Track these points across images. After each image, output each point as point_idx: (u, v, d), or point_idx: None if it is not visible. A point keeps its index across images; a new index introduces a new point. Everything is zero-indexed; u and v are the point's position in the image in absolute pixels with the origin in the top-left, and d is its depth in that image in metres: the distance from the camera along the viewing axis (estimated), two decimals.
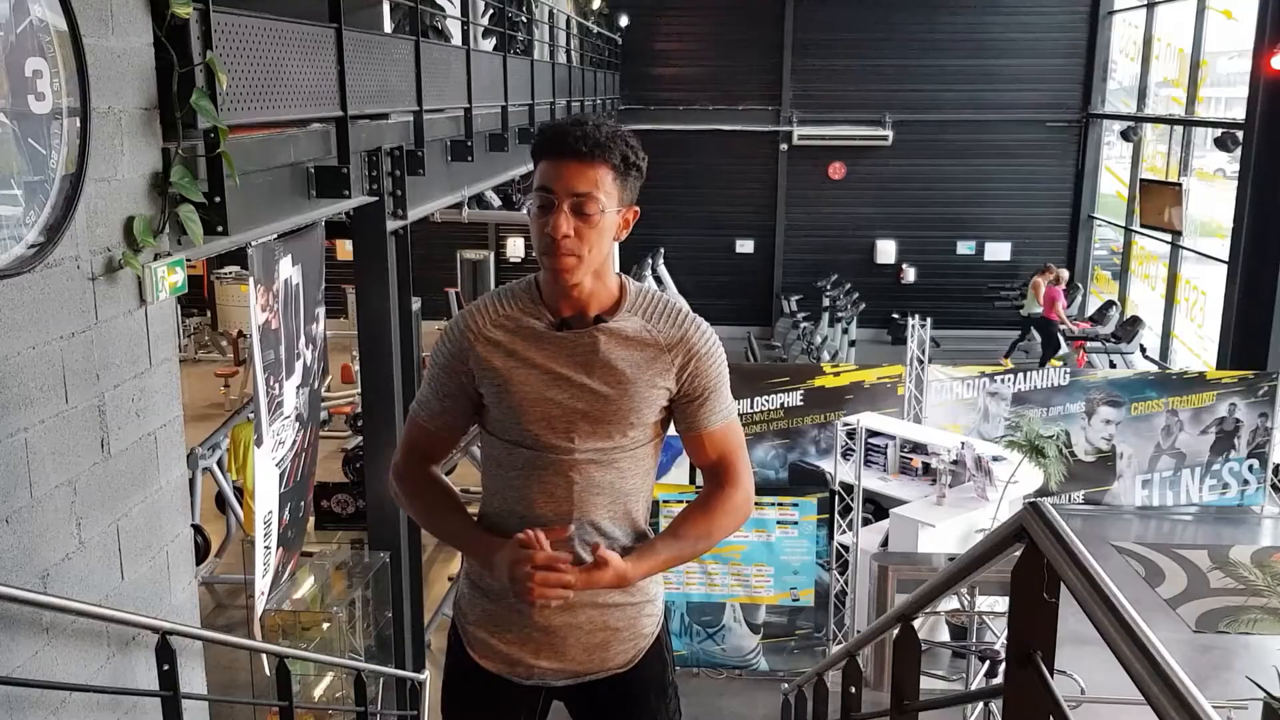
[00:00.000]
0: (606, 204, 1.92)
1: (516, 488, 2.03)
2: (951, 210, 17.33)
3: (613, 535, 2.05)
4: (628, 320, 2.01)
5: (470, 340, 2.02)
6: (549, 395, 1.98)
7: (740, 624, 7.62)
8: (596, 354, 1.98)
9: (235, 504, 8.01)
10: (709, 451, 2.10)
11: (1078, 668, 5.63)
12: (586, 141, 1.88)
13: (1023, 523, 1.63)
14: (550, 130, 1.94)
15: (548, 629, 2.05)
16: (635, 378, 1.99)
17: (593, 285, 1.98)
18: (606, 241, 1.96)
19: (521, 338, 2.00)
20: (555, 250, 1.90)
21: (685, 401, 2.05)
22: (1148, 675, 1.19)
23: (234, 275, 13.44)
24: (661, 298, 2.07)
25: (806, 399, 9.31)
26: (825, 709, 4.21)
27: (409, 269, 5.61)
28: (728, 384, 2.11)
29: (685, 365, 2.02)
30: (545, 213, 1.91)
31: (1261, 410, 10.08)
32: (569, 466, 2.00)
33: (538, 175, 1.92)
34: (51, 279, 2.67)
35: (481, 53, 7.87)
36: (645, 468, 2.09)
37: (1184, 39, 14.29)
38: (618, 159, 1.92)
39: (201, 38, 3.16)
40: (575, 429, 1.99)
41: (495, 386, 2.00)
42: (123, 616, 2.87)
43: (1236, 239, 11.31)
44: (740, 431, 2.15)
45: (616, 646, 2.10)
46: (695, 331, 2.04)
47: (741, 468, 2.12)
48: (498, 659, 2.10)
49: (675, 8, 17.42)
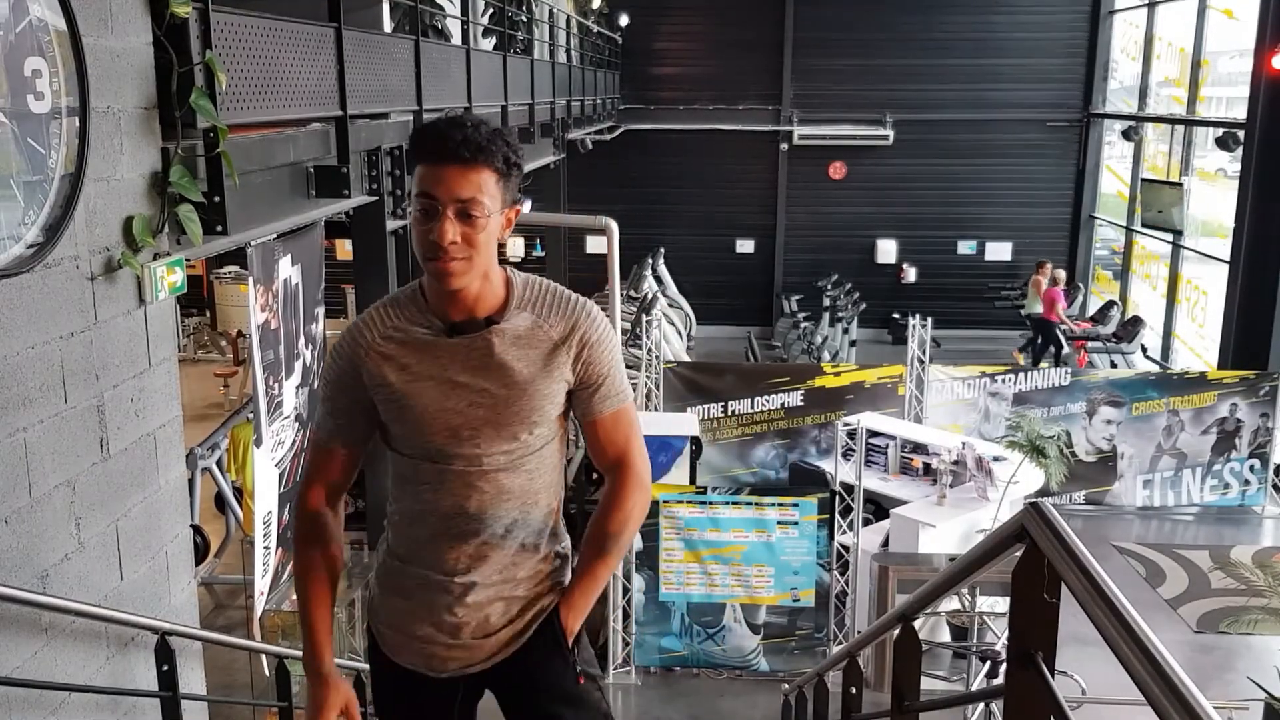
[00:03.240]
0: (491, 207, 1.88)
1: (425, 500, 2.02)
2: (952, 210, 17.32)
3: (519, 537, 2.05)
4: (518, 317, 1.99)
5: (361, 356, 1.99)
6: (449, 405, 1.96)
7: (740, 624, 7.62)
8: (492, 356, 1.96)
9: (235, 504, 8.01)
10: (603, 441, 2.09)
11: (1078, 668, 5.62)
12: (468, 146, 1.84)
13: (1023, 523, 1.62)
14: (429, 133, 1.88)
15: (457, 625, 2.05)
16: (533, 375, 1.98)
17: (480, 287, 1.96)
18: (493, 243, 1.93)
19: (414, 349, 1.97)
20: (442, 257, 1.87)
21: (580, 389, 2.04)
22: (1149, 676, 1.18)
23: (233, 275, 13.44)
24: (547, 287, 2.05)
25: (807, 399, 9.30)
26: (826, 709, 4.21)
27: (408, 269, 5.60)
28: (621, 368, 2.10)
29: (579, 355, 2.01)
30: (429, 219, 1.86)
31: (1263, 410, 10.07)
32: (477, 476, 1.99)
33: (417, 179, 1.87)
34: (51, 279, 2.66)
35: (481, 52, 7.87)
36: (552, 464, 2.08)
37: (1185, 39, 14.28)
38: (500, 161, 1.88)
39: (201, 37, 3.15)
40: (479, 435, 1.97)
41: (393, 402, 1.97)
42: (122, 617, 2.87)
43: (1237, 239, 11.31)
44: (633, 414, 2.13)
45: (524, 629, 2.10)
46: (586, 319, 2.02)
47: (636, 460, 2.12)
48: (411, 654, 2.10)
49: (675, 8, 17.42)
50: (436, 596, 2.04)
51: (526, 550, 2.06)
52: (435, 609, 2.04)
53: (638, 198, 16.54)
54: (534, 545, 2.07)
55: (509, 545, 2.04)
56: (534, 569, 2.08)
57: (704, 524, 7.43)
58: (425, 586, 2.05)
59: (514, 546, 2.05)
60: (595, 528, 2.12)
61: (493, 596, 2.05)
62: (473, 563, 2.02)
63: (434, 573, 2.04)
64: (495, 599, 2.05)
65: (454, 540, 2.02)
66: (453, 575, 2.03)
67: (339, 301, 13.31)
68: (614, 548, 2.12)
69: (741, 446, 9.42)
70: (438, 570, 2.03)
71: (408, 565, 2.07)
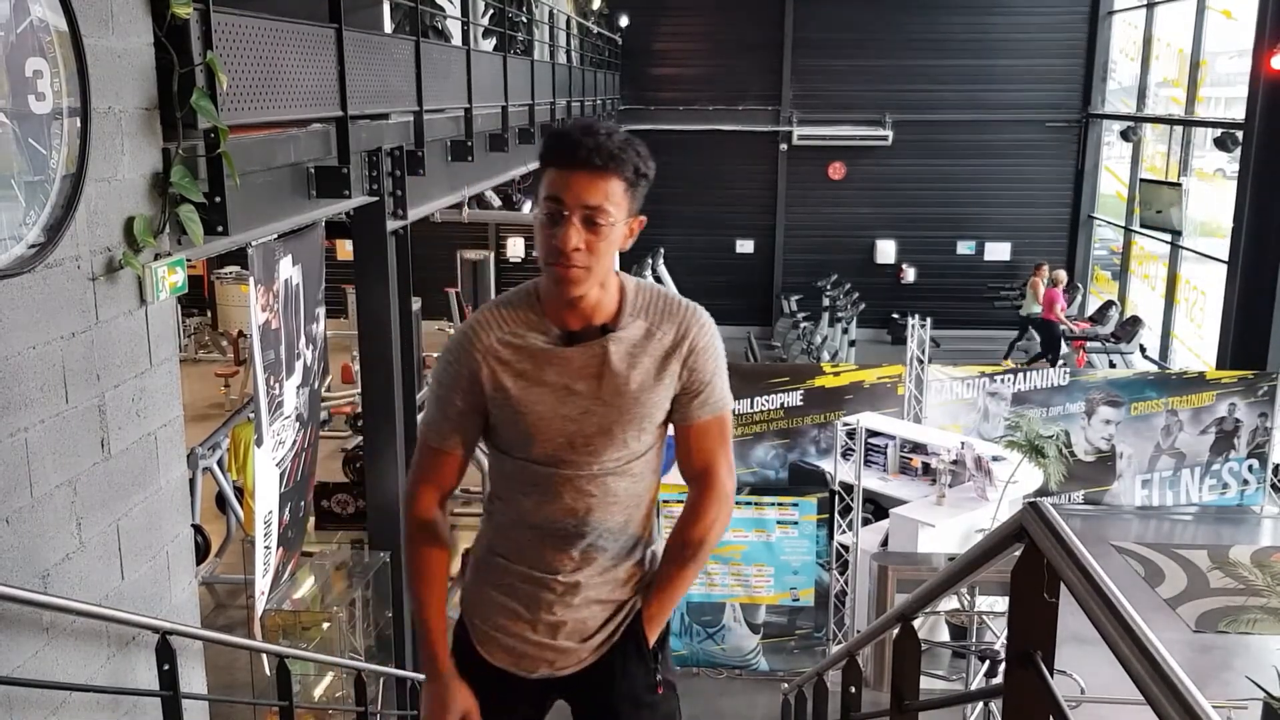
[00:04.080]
0: (616, 216, 1.88)
1: (535, 501, 2.02)
2: (951, 210, 17.33)
3: (621, 541, 2.08)
4: (633, 325, 1.99)
5: (479, 359, 1.97)
6: (563, 412, 1.96)
7: (740, 624, 7.62)
8: (608, 365, 1.97)
9: (235, 504, 8.01)
10: (694, 448, 2.10)
11: (1078, 668, 5.63)
12: (600, 154, 1.83)
13: (1022, 523, 1.63)
14: (562, 138, 1.87)
15: (555, 624, 2.07)
16: (646, 383, 1.99)
17: (598, 295, 1.96)
18: (613, 252, 1.93)
19: (530, 355, 1.97)
20: (564, 262, 1.87)
21: (683, 394, 2.05)
22: (1148, 675, 1.19)
23: (234, 275, 13.45)
24: (659, 293, 2.06)
25: (806, 399, 9.31)
26: (825, 709, 4.22)
27: (409, 269, 5.61)
28: (724, 374, 2.10)
29: (687, 360, 2.02)
30: (554, 223, 1.86)
31: (1261, 410, 10.08)
32: (587, 480, 2.00)
33: (546, 183, 1.87)
34: (52, 279, 2.67)
35: (481, 53, 7.87)
36: (653, 467, 2.11)
37: (1184, 39, 14.29)
38: (630, 171, 1.88)
39: (202, 38, 3.16)
40: (592, 443, 1.98)
41: (508, 407, 1.97)
42: (123, 616, 2.87)
43: (1236, 239, 11.31)
44: (728, 424, 2.14)
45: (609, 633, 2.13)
46: (696, 325, 2.03)
47: (723, 469, 2.13)
48: (502, 653, 2.11)
49: (675, 8, 17.42)
50: (540, 594, 2.06)
51: (628, 554, 2.09)
52: (536, 607, 2.06)
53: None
54: (633, 549, 2.10)
55: (613, 548, 2.07)
56: (632, 571, 2.11)
57: None
58: (529, 583, 2.06)
59: (617, 549, 2.07)
60: (676, 538, 2.14)
61: (593, 599, 2.07)
62: (579, 565, 2.04)
63: (538, 571, 2.05)
64: (595, 601, 2.07)
65: (561, 543, 2.03)
66: (557, 574, 2.04)
67: (339, 301, 13.31)
68: (694, 558, 2.14)
69: (741, 446, 9.41)
70: (543, 569, 2.05)
71: (512, 564, 2.08)
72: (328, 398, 10.67)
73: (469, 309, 15.38)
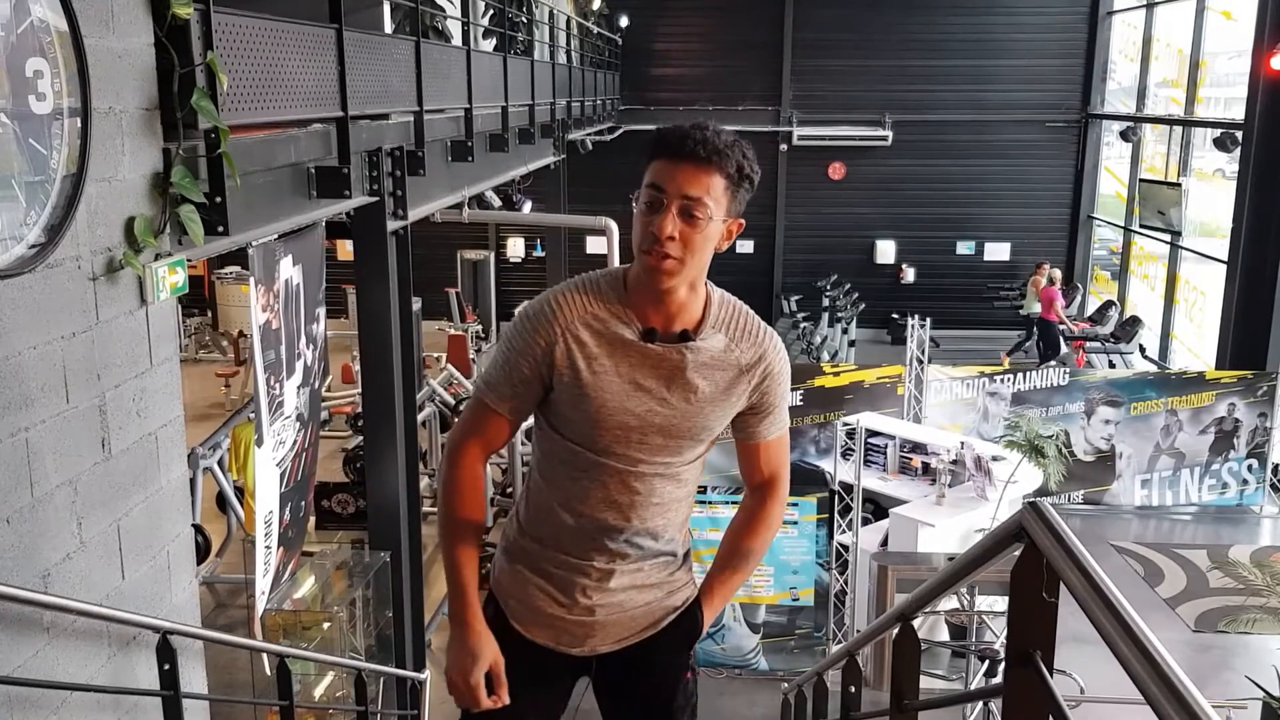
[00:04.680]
0: (715, 211, 1.89)
1: (580, 487, 2.03)
2: (951, 210, 17.34)
3: (661, 539, 2.11)
4: (712, 338, 2.01)
5: (558, 333, 1.97)
6: (628, 405, 1.97)
7: (740, 623, 7.63)
8: (682, 372, 1.98)
9: (236, 504, 8.01)
10: (760, 462, 2.18)
11: (1077, 667, 5.63)
12: (705, 146, 1.87)
13: (1022, 522, 1.63)
14: (670, 131, 1.92)
15: (590, 607, 2.10)
16: (714, 397, 2.01)
17: (686, 295, 1.98)
18: (708, 251, 1.93)
19: (608, 342, 1.97)
20: (657, 249, 1.88)
21: (750, 413, 2.10)
22: (1147, 675, 1.19)
23: (234, 275, 13.46)
24: (741, 310, 2.07)
25: (806, 399, 9.31)
26: (825, 708, 4.22)
27: (409, 269, 5.61)
28: (789, 397, 2.17)
29: (759, 384, 2.05)
30: (652, 211, 1.89)
31: (1261, 410, 10.09)
32: (635, 477, 2.01)
33: (650, 173, 1.91)
34: (52, 279, 2.67)
35: (482, 53, 7.87)
36: (698, 473, 2.15)
37: (1183, 39, 14.30)
38: (733, 168, 1.89)
39: (202, 38, 3.16)
40: (648, 442, 1.99)
41: (575, 388, 1.97)
42: (123, 616, 2.87)
43: (1236, 239, 11.32)
44: (788, 440, 2.23)
45: (658, 615, 2.18)
46: (774, 351, 2.07)
47: (785, 479, 2.23)
48: (541, 631, 2.13)
49: (675, 8, 17.43)
50: (575, 578, 2.08)
51: (664, 552, 2.13)
52: (572, 590, 2.08)
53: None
54: (671, 548, 2.14)
55: (650, 546, 2.09)
56: (667, 566, 2.16)
57: (703, 523, 7.43)
58: (563, 569, 2.08)
59: (654, 548, 2.10)
60: (739, 539, 2.23)
61: (628, 585, 2.10)
62: (613, 557, 2.07)
63: (574, 558, 2.07)
64: (631, 586, 2.11)
65: (598, 534, 2.05)
66: (593, 562, 2.07)
67: (340, 301, 13.33)
68: (754, 557, 2.25)
69: None
70: (578, 557, 2.07)
71: (546, 548, 2.09)
72: (328, 398, 10.68)
73: (469, 309, 15.39)
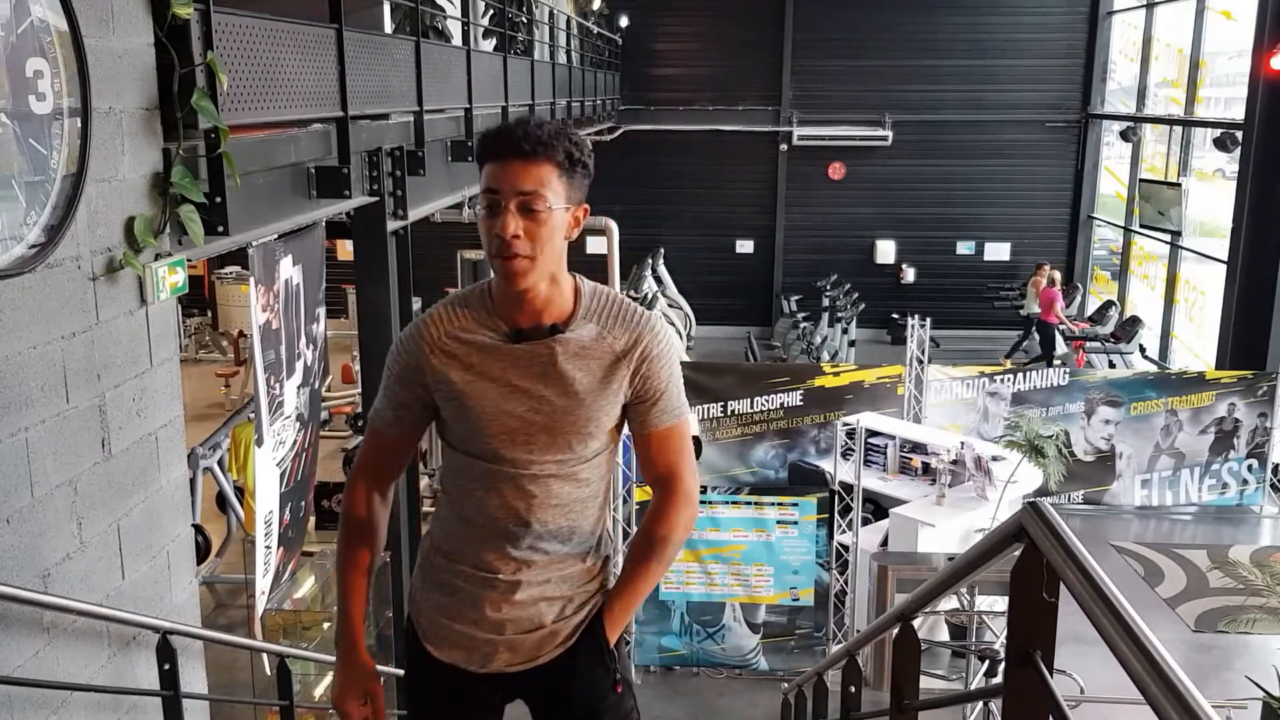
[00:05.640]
0: (554, 201, 1.89)
1: (475, 498, 2.03)
2: (951, 210, 17.34)
3: (569, 543, 2.06)
4: (582, 328, 1.99)
5: (425, 353, 2.00)
6: (506, 408, 1.97)
7: (740, 624, 7.63)
8: (554, 366, 1.97)
9: (236, 504, 8.02)
10: (654, 453, 2.10)
11: (1077, 667, 5.63)
12: (529, 140, 1.87)
13: (1022, 522, 1.63)
14: (492, 132, 1.92)
15: (500, 621, 2.05)
16: (592, 387, 1.98)
17: (548, 291, 1.97)
18: (558, 241, 1.93)
19: (477, 350, 1.98)
20: (506, 251, 1.88)
21: (636, 402, 2.05)
22: (1147, 675, 1.19)
23: (234, 275, 13.47)
24: (614, 299, 2.06)
25: (806, 399, 9.31)
26: (825, 708, 4.22)
27: (409, 269, 5.61)
28: (679, 383, 2.10)
29: (638, 369, 2.02)
30: (492, 214, 1.89)
31: (1261, 410, 10.09)
32: (528, 480, 2.00)
33: (483, 178, 1.91)
34: (52, 279, 2.67)
35: (482, 53, 7.87)
36: (601, 473, 2.09)
37: (1183, 39, 14.29)
38: (561, 156, 1.89)
39: (202, 38, 3.16)
40: (534, 442, 1.98)
41: (453, 401, 1.99)
42: (123, 616, 2.87)
43: (1236, 239, 11.33)
44: (687, 431, 2.13)
45: (566, 632, 2.10)
46: (649, 333, 2.03)
47: (685, 476, 2.12)
48: (452, 649, 2.10)
49: (675, 8, 17.43)
50: (482, 592, 2.05)
51: (573, 557, 2.08)
52: (479, 605, 2.05)
53: (638, 198, 16.53)
54: (581, 553, 2.09)
55: (556, 550, 2.05)
56: (580, 575, 2.10)
57: (704, 523, 7.44)
58: (471, 582, 2.06)
59: (561, 552, 2.06)
60: (640, 539, 2.14)
61: (537, 597, 2.06)
62: (519, 566, 2.04)
63: (480, 570, 2.05)
64: (540, 599, 2.06)
65: (500, 541, 2.03)
66: (498, 573, 2.04)
67: (340, 302, 13.32)
68: (657, 560, 2.13)
69: (741, 446, 9.43)
70: (483, 568, 2.05)
71: (453, 562, 2.08)
72: (328, 398, 10.68)
73: None
